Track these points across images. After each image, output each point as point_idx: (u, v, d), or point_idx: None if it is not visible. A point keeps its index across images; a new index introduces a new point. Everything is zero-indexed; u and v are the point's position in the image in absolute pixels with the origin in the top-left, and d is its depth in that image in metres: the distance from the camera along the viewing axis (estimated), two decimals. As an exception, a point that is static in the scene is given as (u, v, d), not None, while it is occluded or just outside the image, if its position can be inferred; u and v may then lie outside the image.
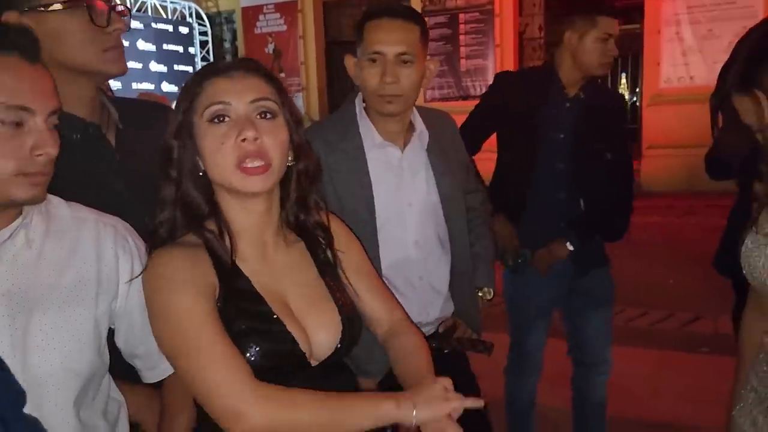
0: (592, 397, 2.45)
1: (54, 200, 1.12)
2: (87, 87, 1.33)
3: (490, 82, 2.40)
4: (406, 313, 1.31)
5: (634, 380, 3.16)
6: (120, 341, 1.20)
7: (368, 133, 1.65)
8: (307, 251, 1.21)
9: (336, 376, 1.13)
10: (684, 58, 8.02)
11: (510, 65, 9.27)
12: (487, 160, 2.06)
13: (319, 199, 1.21)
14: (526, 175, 2.21)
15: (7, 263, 1.01)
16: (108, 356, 1.14)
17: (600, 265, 2.35)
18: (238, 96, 1.07)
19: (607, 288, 2.38)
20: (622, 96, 2.24)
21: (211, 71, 1.10)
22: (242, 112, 1.06)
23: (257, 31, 11.17)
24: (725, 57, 2.12)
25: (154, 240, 1.09)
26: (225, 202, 1.11)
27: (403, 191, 1.67)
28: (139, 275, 1.09)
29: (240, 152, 1.04)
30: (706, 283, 3.29)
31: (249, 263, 1.12)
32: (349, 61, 1.67)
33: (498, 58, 9.40)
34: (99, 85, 1.39)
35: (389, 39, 1.56)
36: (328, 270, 1.21)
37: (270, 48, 11.05)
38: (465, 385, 1.85)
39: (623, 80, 9.85)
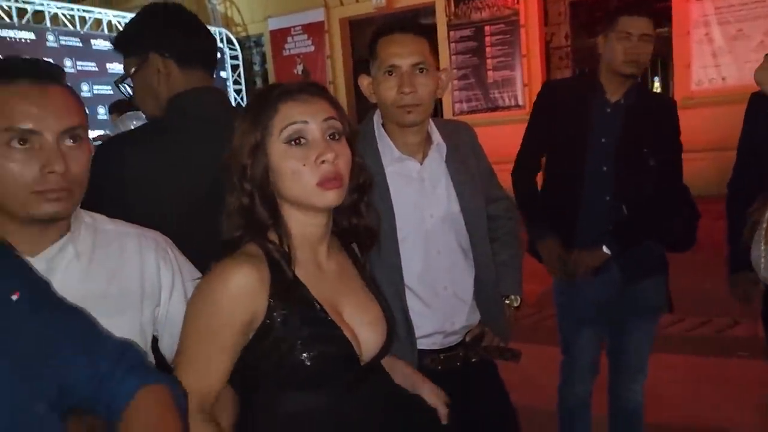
0: (629, 404, 2.43)
1: (98, 217, 1.21)
2: None
3: (518, 93, 2.46)
4: None
5: (672, 387, 3.11)
6: (164, 348, 1.28)
7: (386, 148, 1.70)
8: (348, 257, 1.31)
9: (375, 375, 1.23)
10: (714, 59, 7.91)
11: (537, 75, 9.24)
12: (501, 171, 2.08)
13: (368, 205, 1.29)
14: (575, 178, 2.26)
15: (60, 274, 1.09)
16: (153, 362, 1.22)
17: (652, 274, 2.31)
18: (313, 116, 1.15)
19: (657, 297, 2.34)
20: (672, 102, 2.23)
21: (284, 94, 1.16)
22: (318, 133, 1.15)
23: (286, 53, 11.39)
24: (756, 56, 2.09)
25: (224, 249, 1.16)
26: (289, 214, 1.18)
27: (424, 203, 1.71)
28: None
29: (321, 173, 1.13)
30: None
31: (305, 271, 1.19)
32: (363, 81, 1.73)
33: (525, 69, 9.37)
34: None
35: (403, 51, 1.63)
36: (368, 273, 1.33)
37: (299, 69, 11.25)
38: (494, 392, 1.88)
39: (655, 84, 9.74)
